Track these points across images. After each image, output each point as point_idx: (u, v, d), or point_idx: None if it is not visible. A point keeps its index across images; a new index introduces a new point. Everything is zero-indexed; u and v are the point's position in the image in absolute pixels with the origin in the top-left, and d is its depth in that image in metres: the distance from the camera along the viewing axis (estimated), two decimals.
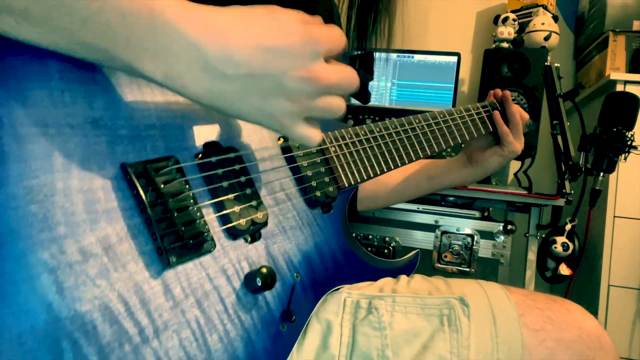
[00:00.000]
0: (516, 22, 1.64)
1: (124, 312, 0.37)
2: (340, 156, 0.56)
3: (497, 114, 0.80)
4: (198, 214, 0.44)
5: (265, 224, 0.49)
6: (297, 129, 0.43)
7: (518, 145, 0.80)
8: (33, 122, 0.36)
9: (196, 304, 0.42)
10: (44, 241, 0.35)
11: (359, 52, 0.71)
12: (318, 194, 0.53)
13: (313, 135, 0.44)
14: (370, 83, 1.70)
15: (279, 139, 0.54)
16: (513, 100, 0.86)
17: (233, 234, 0.47)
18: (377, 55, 0.75)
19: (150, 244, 0.41)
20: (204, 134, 0.49)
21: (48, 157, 0.36)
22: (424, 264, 0.71)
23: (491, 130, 0.80)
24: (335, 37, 0.42)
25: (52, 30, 0.34)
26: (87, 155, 0.38)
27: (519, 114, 0.81)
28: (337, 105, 0.43)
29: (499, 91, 0.83)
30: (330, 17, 0.76)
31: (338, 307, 0.55)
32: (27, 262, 0.34)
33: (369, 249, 1.42)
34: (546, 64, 1.43)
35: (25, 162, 0.35)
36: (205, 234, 0.44)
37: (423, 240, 1.41)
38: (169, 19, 0.36)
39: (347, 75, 0.43)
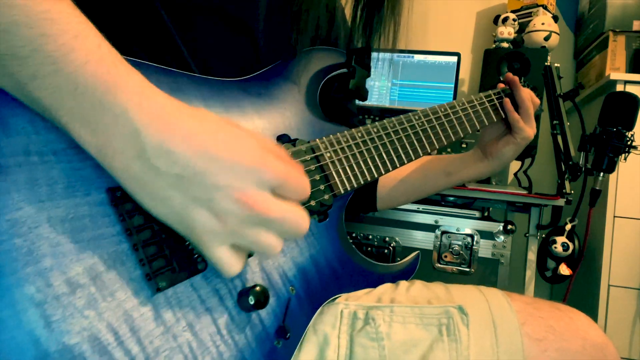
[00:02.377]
0: (516, 22, 1.64)
1: (113, 342, 0.37)
2: (336, 162, 0.55)
3: (507, 101, 0.77)
4: None
5: None
6: (215, 251, 0.39)
7: (530, 130, 0.78)
8: (14, 152, 0.35)
9: (188, 328, 0.42)
10: (29, 275, 0.34)
11: (356, 48, 0.69)
12: (313, 203, 0.52)
13: (230, 265, 0.40)
14: (370, 83, 1.70)
15: None
16: (523, 85, 0.84)
17: None
18: (379, 55, 0.74)
19: (138, 269, 0.40)
20: None
21: (31, 187, 0.36)
22: (424, 264, 0.70)
23: (504, 117, 0.78)
24: (292, 177, 0.39)
25: (1, 73, 0.34)
26: (72, 182, 0.38)
27: (530, 98, 0.78)
28: (268, 243, 0.40)
29: (509, 75, 0.80)
30: (332, 20, 0.75)
31: (335, 319, 0.54)
32: (13, 298, 0.33)
33: (369, 249, 1.42)
34: (546, 64, 1.43)
35: (7, 194, 0.34)
36: (196, 254, 0.44)
37: (423, 240, 1.41)
38: (122, 102, 0.35)
39: (293, 218, 0.39)
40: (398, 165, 0.61)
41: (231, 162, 0.37)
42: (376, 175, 0.59)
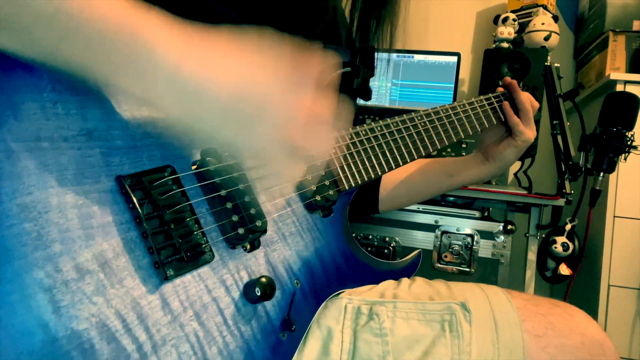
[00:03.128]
0: (516, 22, 1.64)
1: (121, 329, 0.37)
2: (341, 158, 0.56)
3: (506, 104, 0.78)
4: (196, 224, 0.44)
5: (264, 231, 0.49)
6: (279, 159, 0.42)
7: (530, 133, 0.79)
8: (25, 137, 0.36)
9: (195, 317, 0.42)
10: (39, 260, 0.34)
11: (360, 47, 0.70)
12: (318, 198, 0.53)
13: (292, 169, 0.43)
14: (371, 82, 1.70)
15: None
16: (522, 88, 0.84)
17: (232, 243, 0.47)
18: (378, 55, 0.74)
19: (147, 258, 0.40)
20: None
21: (41, 173, 0.36)
22: (424, 263, 0.70)
23: (503, 120, 0.79)
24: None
25: (30, 42, 0.33)
26: (82, 169, 0.38)
27: (529, 101, 0.79)
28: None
29: (508, 79, 0.81)
30: (334, 20, 0.75)
31: (339, 313, 0.55)
32: (22, 283, 0.33)
33: (369, 249, 1.42)
34: (546, 64, 1.43)
35: (18, 179, 0.35)
36: (203, 244, 0.44)
37: (423, 240, 1.41)
38: (148, 42, 0.35)
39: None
40: (401, 164, 0.62)
41: (260, 102, 0.39)
42: (380, 173, 0.59)
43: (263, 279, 0.46)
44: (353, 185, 0.56)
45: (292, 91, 0.40)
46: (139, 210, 0.40)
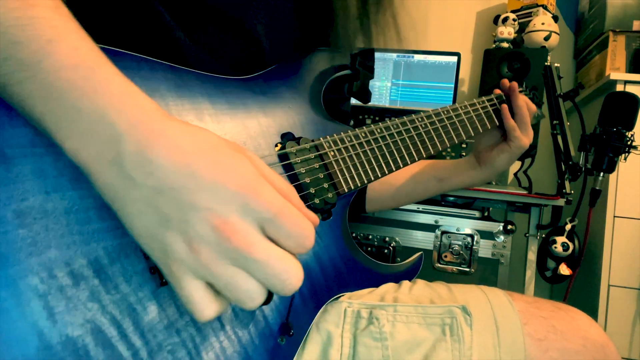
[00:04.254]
0: (516, 22, 1.64)
1: (117, 335, 0.37)
2: (340, 160, 0.55)
3: (505, 107, 0.76)
4: None
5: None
6: (184, 285, 0.33)
7: (525, 139, 0.76)
8: (20, 142, 0.35)
9: (191, 322, 0.42)
10: (34, 266, 0.34)
11: (359, 50, 0.69)
12: (317, 201, 0.52)
13: (202, 304, 0.33)
14: (370, 82, 1.70)
15: (275, 146, 0.54)
16: (520, 91, 0.82)
17: None
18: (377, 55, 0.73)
19: (142, 263, 0.40)
20: None
21: (37, 178, 0.35)
22: (424, 263, 0.70)
23: (497, 124, 0.77)
24: (288, 215, 0.33)
25: None
26: (78, 174, 0.37)
27: (526, 106, 0.77)
28: (245, 289, 0.33)
29: (506, 82, 0.79)
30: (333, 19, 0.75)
31: (338, 318, 0.54)
32: (17, 289, 0.33)
33: (369, 249, 1.42)
34: (546, 64, 1.43)
35: (13, 185, 0.34)
36: None
37: (423, 240, 1.41)
38: (100, 106, 0.33)
39: (281, 265, 0.33)
40: (401, 166, 0.61)
41: (214, 183, 0.32)
42: (379, 175, 0.59)
43: None
44: (352, 187, 0.56)
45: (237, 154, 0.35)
46: None
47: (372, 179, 0.58)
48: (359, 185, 0.57)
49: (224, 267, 0.32)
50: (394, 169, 0.60)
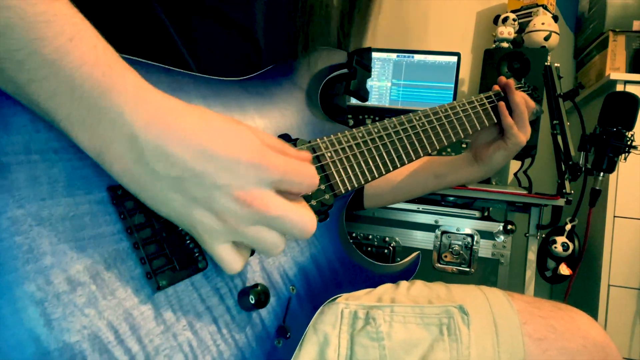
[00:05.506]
0: (516, 22, 1.64)
1: (113, 340, 0.37)
2: (337, 162, 0.55)
3: (502, 104, 0.75)
4: (188, 233, 0.43)
5: None
6: (216, 249, 0.39)
7: (522, 136, 0.76)
8: (15, 149, 0.35)
9: (188, 327, 0.42)
10: (30, 273, 0.34)
11: (358, 49, 0.69)
12: (314, 203, 0.52)
13: (232, 263, 0.40)
14: (370, 82, 1.70)
15: None
16: (519, 88, 0.81)
17: None
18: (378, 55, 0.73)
19: (139, 268, 0.40)
20: None
21: (32, 185, 0.36)
22: (424, 264, 0.70)
23: (496, 121, 0.76)
24: (292, 169, 0.39)
25: (1, 78, 0.34)
26: (73, 180, 0.38)
27: (524, 102, 0.76)
28: (270, 241, 0.39)
29: (503, 79, 0.79)
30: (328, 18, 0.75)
31: (335, 319, 0.54)
32: (13, 296, 0.33)
33: (369, 249, 1.41)
34: (546, 64, 1.43)
35: (8, 192, 0.34)
36: (196, 253, 0.44)
37: (423, 240, 1.41)
38: (117, 105, 0.35)
39: (295, 216, 0.39)
40: (399, 166, 0.61)
41: (229, 160, 0.36)
42: (377, 175, 0.59)
43: (258, 287, 0.45)
44: (349, 188, 0.56)
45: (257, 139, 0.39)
46: (130, 220, 0.40)
47: (370, 179, 0.58)
48: (356, 186, 0.57)
49: (249, 228, 0.38)
50: (391, 169, 0.60)
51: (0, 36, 0.32)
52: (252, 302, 0.44)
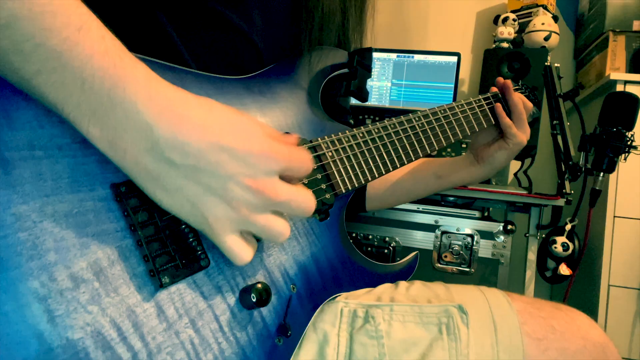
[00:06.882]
0: (516, 22, 1.64)
1: (116, 337, 0.37)
2: (337, 161, 0.55)
3: (499, 106, 0.76)
4: (191, 231, 0.44)
5: None
6: (226, 239, 0.40)
7: (523, 136, 0.76)
8: (19, 146, 0.35)
9: (190, 324, 0.42)
10: (33, 269, 0.34)
11: (357, 48, 0.69)
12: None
13: (242, 253, 0.41)
14: (370, 82, 1.70)
15: None
16: (516, 90, 0.81)
17: None
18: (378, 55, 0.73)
19: (142, 265, 0.40)
20: None
21: (36, 181, 0.36)
22: (424, 264, 0.70)
23: (493, 123, 0.76)
24: (295, 158, 0.41)
25: (7, 71, 0.34)
26: (77, 177, 0.38)
27: (522, 103, 0.77)
28: (278, 226, 0.41)
29: (500, 79, 0.79)
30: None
31: (335, 317, 0.54)
32: (17, 292, 0.33)
33: (369, 249, 1.41)
34: (546, 64, 1.43)
35: (12, 188, 0.34)
36: (199, 251, 0.44)
37: (423, 240, 1.41)
38: (130, 96, 0.35)
39: (300, 198, 0.41)
40: (399, 166, 0.61)
41: (241, 152, 0.38)
42: (377, 175, 0.59)
43: (259, 285, 0.45)
44: (350, 188, 0.56)
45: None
46: (133, 217, 0.40)
47: (370, 179, 0.58)
48: (357, 185, 0.57)
49: (260, 216, 0.40)
50: (391, 169, 0.60)
51: (6, 28, 0.31)
52: (254, 300, 0.45)
